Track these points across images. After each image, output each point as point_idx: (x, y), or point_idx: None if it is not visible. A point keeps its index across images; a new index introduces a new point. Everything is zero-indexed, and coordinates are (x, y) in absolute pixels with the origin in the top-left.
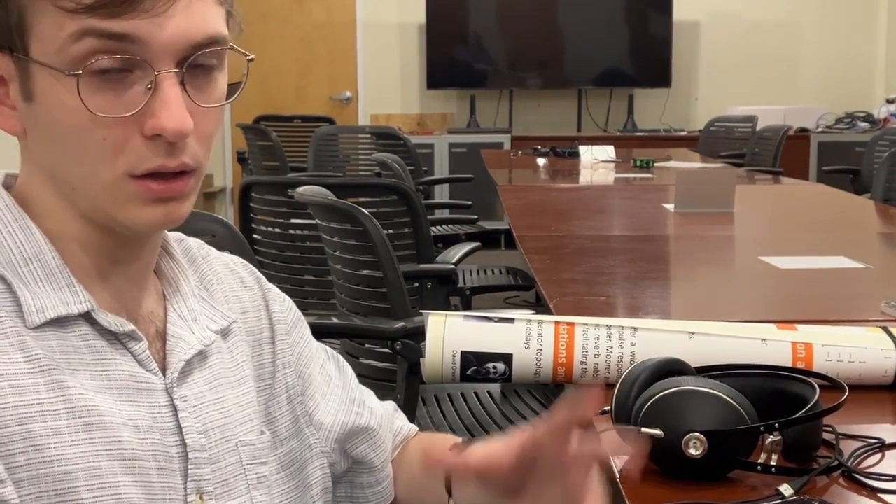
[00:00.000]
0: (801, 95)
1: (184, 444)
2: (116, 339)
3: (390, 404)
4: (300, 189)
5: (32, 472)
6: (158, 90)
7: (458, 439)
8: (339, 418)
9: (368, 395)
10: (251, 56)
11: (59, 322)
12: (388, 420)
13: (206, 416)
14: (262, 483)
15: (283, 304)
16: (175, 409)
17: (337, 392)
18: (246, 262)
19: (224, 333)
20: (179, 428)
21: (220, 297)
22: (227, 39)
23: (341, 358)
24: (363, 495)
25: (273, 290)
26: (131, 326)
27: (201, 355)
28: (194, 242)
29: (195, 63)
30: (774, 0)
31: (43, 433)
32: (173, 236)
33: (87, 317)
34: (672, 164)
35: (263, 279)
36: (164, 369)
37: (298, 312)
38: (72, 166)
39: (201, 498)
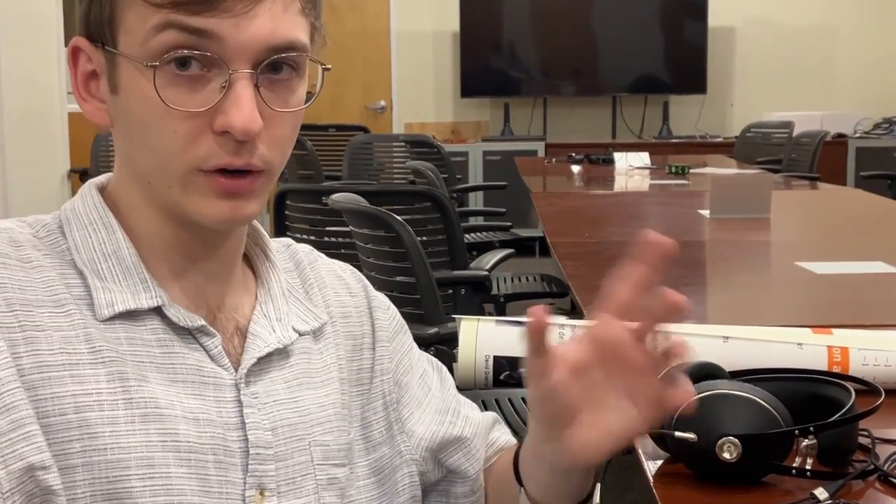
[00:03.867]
0: (838, 101)
1: (246, 440)
2: (189, 333)
3: (491, 415)
4: (334, 196)
5: (87, 459)
6: (231, 89)
7: None
8: (431, 428)
9: (467, 405)
10: (327, 66)
11: (131, 315)
12: (483, 430)
13: (277, 414)
14: (334, 485)
15: (387, 313)
16: (241, 404)
17: (434, 402)
18: (354, 270)
19: (316, 334)
20: (243, 423)
21: (320, 300)
22: (306, 48)
23: (444, 369)
24: None
25: (378, 298)
26: (201, 322)
27: (283, 354)
28: (302, 248)
29: (271, 67)
30: (811, 5)
31: (99, 422)
32: (283, 241)
33: (159, 311)
34: (708, 170)
35: (370, 287)
36: (238, 365)
37: (402, 321)
38: (146, 159)
39: (262, 494)
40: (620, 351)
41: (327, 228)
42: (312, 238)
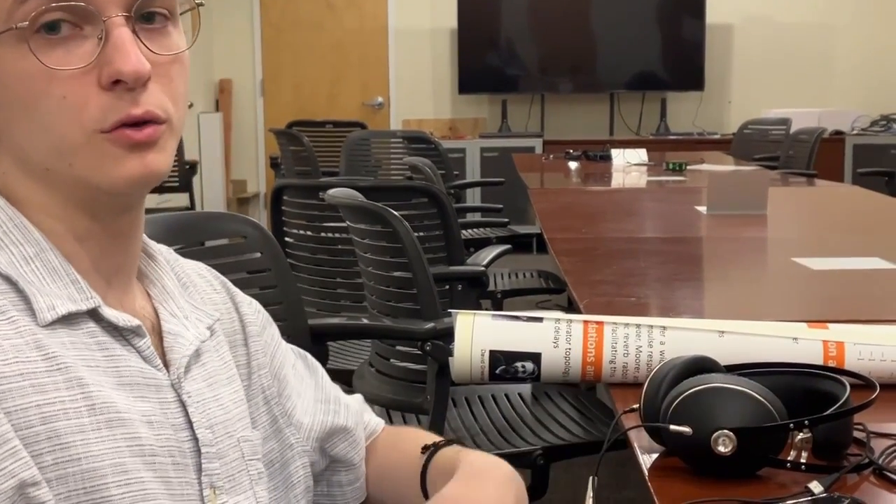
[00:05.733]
0: (836, 98)
1: (195, 440)
2: (121, 335)
3: (359, 397)
4: (331, 191)
5: (60, 472)
6: (110, 37)
7: (427, 435)
8: (317, 418)
9: (339, 390)
10: (200, 2)
11: (68, 319)
12: (360, 416)
13: (210, 412)
14: (262, 478)
15: (252, 307)
16: (183, 404)
17: (310, 391)
18: (210, 268)
19: (210, 332)
20: (189, 423)
21: (198, 297)
22: None
23: (310, 356)
24: (341, 493)
25: (240, 294)
26: (137, 322)
27: (196, 353)
28: (162, 246)
29: (144, 12)
30: (808, 2)
31: (67, 431)
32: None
33: (93, 313)
34: (705, 167)
35: (229, 283)
36: (165, 366)
37: (267, 314)
38: (38, 140)
39: (214, 493)
40: None
41: (324, 224)
42: (309, 233)
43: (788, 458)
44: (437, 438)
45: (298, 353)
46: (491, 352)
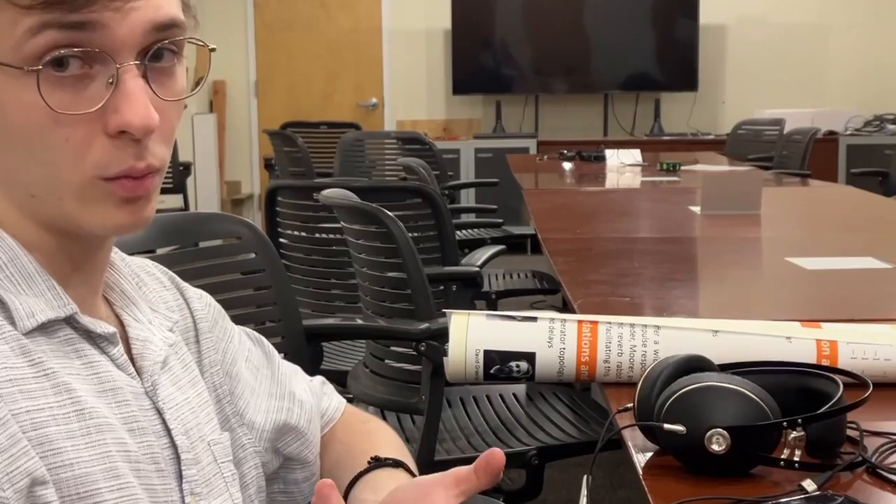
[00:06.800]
0: (830, 98)
1: (174, 447)
2: (95, 343)
3: (318, 380)
4: (325, 192)
5: (54, 477)
6: (120, 84)
7: (386, 443)
8: (270, 416)
9: (295, 377)
10: (213, 46)
11: (46, 327)
12: (316, 406)
13: (183, 418)
14: (235, 480)
15: (202, 301)
16: (159, 411)
17: (265, 384)
18: (157, 263)
19: (173, 334)
20: (167, 430)
21: (151, 297)
22: (185, 25)
23: (266, 341)
24: (299, 490)
25: (190, 288)
26: (112, 329)
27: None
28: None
29: (156, 55)
30: (802, 3)
31: (58, 436)
32: None
33: (69, 320)
34: (699, 167)
35: (177, 278)
36: (137, 373)
37: (218, 306)
38: (32, 171)
39: (195, 499)
40: None
41: (319, 225)
42: (304, 234)
43: (782, 457)
44: (389, 454)
45: (255, 338)
46: (485, 351)
